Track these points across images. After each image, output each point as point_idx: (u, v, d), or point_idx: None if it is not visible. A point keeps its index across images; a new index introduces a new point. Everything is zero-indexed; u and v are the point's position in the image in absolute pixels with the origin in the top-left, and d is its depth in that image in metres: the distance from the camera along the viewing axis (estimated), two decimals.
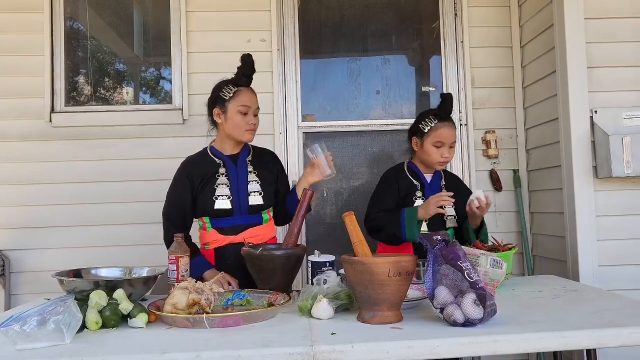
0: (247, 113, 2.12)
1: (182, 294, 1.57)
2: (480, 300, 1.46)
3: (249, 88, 2.15)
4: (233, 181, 2.13)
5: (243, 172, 2.16)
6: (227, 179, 2.13)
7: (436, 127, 2.27)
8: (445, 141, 2.26)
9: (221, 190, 2.11)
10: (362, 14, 3.30)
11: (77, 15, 3.19)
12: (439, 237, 1.56)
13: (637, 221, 2.57)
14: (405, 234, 2.17)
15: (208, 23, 3.12)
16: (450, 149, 2.28)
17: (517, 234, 3.14)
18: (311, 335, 1.43)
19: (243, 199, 2.11)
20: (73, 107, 3.10)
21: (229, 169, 2.16)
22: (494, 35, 3.22)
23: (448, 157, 2.28)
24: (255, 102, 2.15)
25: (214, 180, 2.13)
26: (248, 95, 2.13)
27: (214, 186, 2.12)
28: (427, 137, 2.28)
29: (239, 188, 2.12)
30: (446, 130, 2.26)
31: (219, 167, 2.15)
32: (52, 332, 1.40)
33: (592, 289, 2.09)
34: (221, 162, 2.17)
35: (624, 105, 2.58)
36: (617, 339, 1.43)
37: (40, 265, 2.92)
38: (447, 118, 2.29)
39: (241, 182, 2.14)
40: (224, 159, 2.18)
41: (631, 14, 2.62)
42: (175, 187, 2.17)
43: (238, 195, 2.11)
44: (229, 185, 2.12)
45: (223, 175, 2.14)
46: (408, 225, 2.17)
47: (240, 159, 2.19)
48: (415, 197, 2.30)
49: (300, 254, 1.90)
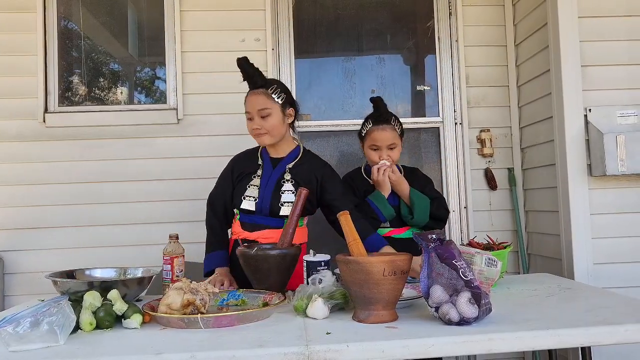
0: (252, 118, 2.09)
1: (177, 294, 1.56)
2: (475, 299, 1.46)
3: (254, 91, 2.10)
4: (263, 182, 2.12)
5: (276, 177, 2.13)
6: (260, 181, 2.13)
7: (370, 130, 2.29)
8: (379, 144, 2.27)
9: (251, 191, 2.11)
10: (356, 13, 3.30)
11: (71, 15, 3.17)
12: (434, 236, 1.55)
13: (632, 219, 2.58)
14: (381, 213, 2.22)
15: (202, 22, 3.12)
16: (391, 151, 2.27)
17: (512, 233, 3.15)
18: (306, 335, 1.43)
19: (266, 201, 2.09)
20: (67, 107, 3.08)
21: (266, 171, 2.15)
22: (488, 34, 3.23)
23: (386, 159, 2.26)
24: (257, 104, 2.07)
25: (248, 179, 2.14)
26: (248, 101, 2.10)
27: (246, 185, 2.13)
28: (365, 141, 2.33)
29: (265, 192, 2.10)
30: (379, 134, 2.27)
31: (258, 168, 2.16)
32: (45, 334, 1.39)
33: (587, 287, 2.10)
34: (261, 164, 2.17)
35: (617, 104, 2.60)
36: (611, 336, 1.44)
37: (34, 266, 2.90)
38: (382, 121, 2.29)
39: (269, 186, 2.11)
40: (265, 160, 2.18)
41: (625, 12, 2.63)
42: (222, 179, 2.21)
43: (262, 198, 2.10)
44: (259, 187, 2.12)
45: (258, 177, 2.14)
46: (380, 205, 2.23)
47: (281, 164, 2.16)
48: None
49: (295, 253, 1.90)
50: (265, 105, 2.07)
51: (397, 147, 2.30)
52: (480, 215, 3.15)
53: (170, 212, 2.96)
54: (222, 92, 3.02)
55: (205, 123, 3.06)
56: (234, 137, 2.27)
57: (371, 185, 2.34)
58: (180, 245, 2.04)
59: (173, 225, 2.34)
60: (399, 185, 2.27)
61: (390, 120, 2.30)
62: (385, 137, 2.27)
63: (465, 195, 3.14)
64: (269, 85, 2.11)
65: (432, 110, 3.26)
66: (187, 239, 2.19)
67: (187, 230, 2.36)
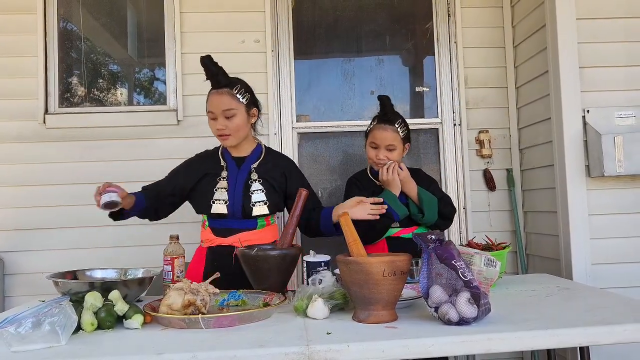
0: (215, 118, 2.04)
1: (178, 294, 1.57)
2: (474, 299, 1.47)
3: (218, 91, 2.05)
4: (231, 185, 2.08)
5: (243, 178, 2.10)
6: (227, 183, 2.09)
7: (373, 128, 2.32)
8: (378, 143, 2.28)
9: (219, 194, 2.07)
10: (355, 15, 3.31)
11: (71, 17, 3.18)
12: (433, 236, 1.56)
13: (630, 220, 2.59)
14: (395, 213, 2.21)
15: (202, 24, 3.12)
16: (389, 152, 2.28)
17: (511, 233, 3.16)
18: (307, 335, 1.44)
19: (237, 204, 2.06)
20: (67, 109, 3.09)
21: (231, 172, 2.11)
22: (487, 36, 3.24)
23: (382, 159, 2.28)
24: (222, 104, 2.03)
25: (213, 181, 2.09)
26: (212, 100, 2.05)
27: (213, 189, 2.08)
28: (367, 139, 2.35)
29: (235, 194, 2.07)
30: (379, 132, 2.28)
31: (221, 170, 2.11)
32: (47, 334, 1.40)
33: (585, 287, 2.11)
34: (225, 165, 2.13)
35: (615, 105, 2.61)
36: (609, 336, 1.45)
37: (35, 267, 2.91)
38: (384, 120, 2.30)
39: (238, 187, 2.08)
40: (229, 161, 2.14)
41: (622, 14, 2.64)
42: (173, 174, 2.18)
43: (233, 200, 2.06)
44: (227, 189, 2.07)
45: (224, 179, 2.09)
46: (393, 204, 2.21)
47: (245, 164, 2.13)
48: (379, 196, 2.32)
49: (295, 254, 1.91)
50: (230, 106, 2.03)
51: (397, 149, 2.30)
52: (479, 215, 3.16)
53: None
54: None
55: (205, 124, 2.99)
56: None
57: (378, 186, 2.34)
58: (181, 246, 2.05)
59: (173, 226, 2.34)
60: (407, 184, 2.27)
61: (394, 122, 2.30)
62: (385, 136, 2.28)
63: (464, 196, 3.15)
64: (233, 84, 2.07)
65: (431, 112, 3.27)
66: (187, 240, 2.20)
67: (188, 231, 2.36)
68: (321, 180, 3.20)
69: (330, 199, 3.19)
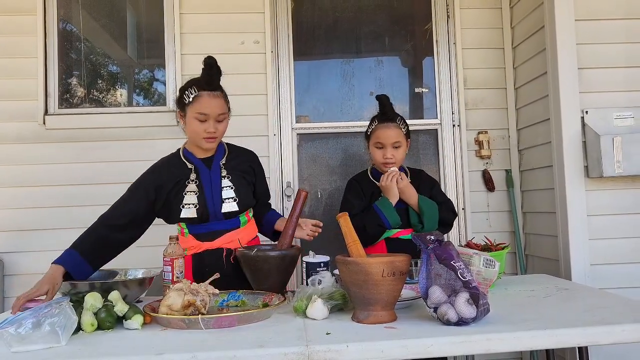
0: (206, 121, 1.96)
1: (178, 295, 1.57)
2: (473, 299, 1.48)
3: (213, 93, 1.98)
4: (206, 187, 2.01)
5: (217, 177, 2.04)
6: (197, 186, 2.01)
7: (375, 128, 2.31)
8: (384, 142, 2.27)
9: (189, 198, 1.99)
10: (355, 16, 3.32)
11: (71, 18, 3.19)
12: (432, 237, 1.57)
13: (628, 220, 2.60)
14: (387, 220, 2.20)
15: (202, 25, 3.13)
16: (396, 150, 2.27)
17: (510, 234, 3.16)
18: (306, 335, 1.44)
19: (217, 204, 2.01)
20: (66, 110, 3.09)
21: (202, 173, 2.04)
22: (486, 37, 3.25)
23: (390, 157, 2.27)
24: (218, 108, 1.98)
25: (182, 188, 2.02)
26: (207, 102, 1.96)
27: (182, 194, 2.01)
28: (370, 140, 2.34)
29: (213, 194, 2.01)
30: (383, 131, 2.27)
31: (190, 173, 2.04)
32: (47, 334, 1.40)
33: (584, 287, 2.12)
34: (192, 167, 2.05)
35: (614, 106, 2.61)
36: (608, 336, 1.45)
37: (35, 268, 2.90)
38: (386, 119, 2.29)
39: (215, 187, 2.02)
40: (196, 163, 2.06)
41: (620, 15, 2.65)
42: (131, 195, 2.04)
43: (212, 201, 2.00)
44: (197, 192, 2.00)
45: (193, 182, 2.01)
46: (386, 212, 2.21)
47: (214, 163, 2.07)
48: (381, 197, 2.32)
49: (295, 254, 1.91)
50: (224, 110, 2.01)
51: (402, 146, 2.30)
52: (478, 216, 3.17)
53: None
54: None
55: None
56: (232, 139, 2.27)
57: (378, 188, 2.34)
58: (181, 247, 2.05)
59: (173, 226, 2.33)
60: (406, 193, 2.25)
61: (395, 119, 2.31)
62: (390, 134, 2.27)
63: (463, 196, 3.16)
64: (222, 89, 2.04)
65: (430, 112, 3.28)
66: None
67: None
68: (321, 181, 3.21)
69: (329, 200, 3.20)
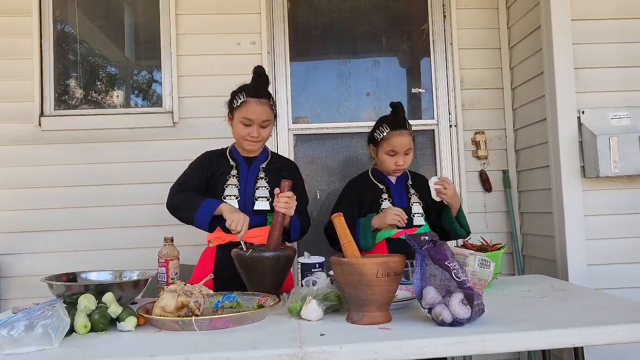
0: (250, 125, 2.13)
1: (171, 296, 1.57)
2: (467, 300, 1.47)
3: (259, 100, 2.13)
4: (242, 182, 2.16)
5: (253, 175, 2.19)
6: (237, 180, 2.16)
7: (388, 136, 2.29)
8: (397, 150, 2.28)
9: (230, 190, 2.14)
10: (351, 17, 3.31)
11: (67, 19, 3.18)
12: (426, 237, 1.56)
13: (625, 220, 2.59)
14: (360, 241, 2.18)
15: (198, 26, 3.13)
16: (406, 156, 2.30)
17: (507, 234, 3.16)
18: (300, 336, 1.44)
19: (249, 200, 2.14)
20: (63, 111, 3.09)
21: (242, 169, 2.20)
22: (482, 37, 3.24)
23: (402, 164, 2.30)
24: (263, 115, 2.12)
25: (224, 180, 2.16)
26: (253, 108, 2.12)
27: (223, 186, 2.15)
28: (381, 146, 2.32)
29: (247, 189, 2.15)
30: (398, 139, 2.28)
31: (231, 169, 2.19)
32: (40, 337, 1.40)
33: (579, 287, 2.11)
34: (234, 164, 2.20)
35: (610, 106, 2.62)
36: (603, 337, 1.45)
37: (31, 270, 2.90)
38: (399, 126, 2.29)
39: (249, 183, 2.17)
40: (239, 160, 2.22)
41: (616, 15, 2.65)
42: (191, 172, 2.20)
43: (245, 196, 2.14)
44: (238, 186, 2.15)
45: (234, 177, 2.17)
46: (362, 233, 2.21)
47: (255, 163, 2.22)
48: (382, 199, 2.32)
49: (289, 255, 1.91)
50: (269, 117, 2.16)
51: (412, 151, 2.34)
52: (475, 217, 3.16)
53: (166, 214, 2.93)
54: (217, 95, 2.96)
55: (200, 126, 3.06)
56: (229, 140, 2.27)
57: (378, 190, 2.34)
58: (176, 248, 2.05)
59: (168, 227, 2.33)
60: (455, 197, 2.30)
61: (407, 126, 2.32)
62: (404, 142, 2.29)
63: (460, 197, 3.15)
64: (271, 97, 2.19)
65: (427, 113, 3.27)
66: (182, 242, 2.20)
67: (183, 232, 2.36)
68: (318, 181, 3.21)
69: (327, 200, 3.19)
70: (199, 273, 2.15)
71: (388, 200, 2.31)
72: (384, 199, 2.32)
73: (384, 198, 2.33)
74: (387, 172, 2.37)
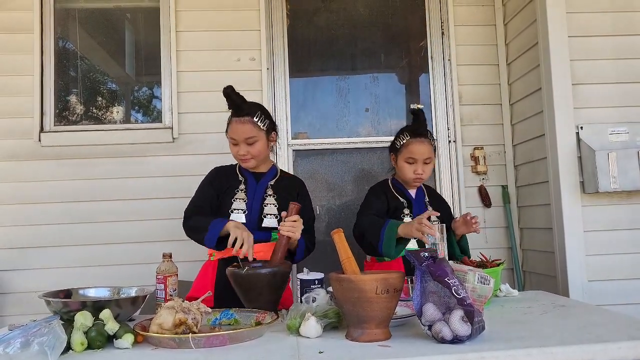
0: (237, 144, 2.14)
1: (169, 313, 1.55)
2: (468, 316, 1.46)
3: (240, 119, 2.12)
4: (249, 197, 2.16)
5: (261, 191, 2.19)
6: (245, 195, 2.17)
7: (408, 142, 2.26)
8: (417, 157, 2.24)
9: (237, 204, 2.14)
10: (350, 33, 3.34)
11: (68, 35, 3.21)
12: (426, 253, 1.56)
13: (625, 236, 2.59)
14: (381, 247, 2.12)
15: (198, 42, 3.15)
16: (425, 165, 2.26)
17: (507, 250, 3.15)
18: (299, 354, 1.42)
19: (254, 215, 2.13)
20: (62, 127, 3.10)
21: (249, 185, 2.20)
22: (480, 53, 3.27)
23: (421, 173, 2.25)
24: (245, 133, 2.11)
25: (231, 194, 2.17)
26: (235, 128, 2.13)
27: (231, 200, 2.15)
28: (400, 154, 2.29)
29: (253, 205, 2.15)
30: (417, 146, 2.24)
31: (240, 184, 2.19)
32: (36, 354, 1.38)
33: (580, 304, 2.09)
34: (243, 179, 2.21)
35: (609, 121, 2.63)
36: (605, 354, 1.43)
37: (28, 286, 2.89)
38: (420, 134, 2.26)
39: (256, 199, 2.17)
40: (247, 176, 2.23)
41: (613, 32, 2.68)
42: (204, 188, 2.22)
43: (250, 211, 2.14)
44: (246, 200, 2.16)
45: (242, 191, 2.18)
46: (387, 239, 2.12)
47: (263, 180, 2.22)
48: (403, 214, 2.29)
49: (285, 270, 1.89)
50: (252, 134, 2.12)
51: (432, 162, 2.29)
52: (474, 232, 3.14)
53: (165, 230, 2.95)
54: (217, 110, 3.02)
55: (200, 142, 3.07)
56: (229, 155, 2.28)
57: (398, 201, 2.30)
58: (174, 264, 2.04)
59: (167, 243, 2.33)
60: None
61: (428, 134, 2.29)
62: (424, 150, 2.24)
63: (459, 212, 3.15)
64: (254, 112, 2.14)
65: None
66: (180, 258, 2.19)
67: (181, 249, 2.35)
68: (317, 197, 3.20)
69: (325, 215, 3.19)
70: (199, 285, 2.14)
71: (409, 217, 2.27)
72: (405, 214, 2.28)
73: (405, 214, 2.28)
74: (405, 182, 2.33)
